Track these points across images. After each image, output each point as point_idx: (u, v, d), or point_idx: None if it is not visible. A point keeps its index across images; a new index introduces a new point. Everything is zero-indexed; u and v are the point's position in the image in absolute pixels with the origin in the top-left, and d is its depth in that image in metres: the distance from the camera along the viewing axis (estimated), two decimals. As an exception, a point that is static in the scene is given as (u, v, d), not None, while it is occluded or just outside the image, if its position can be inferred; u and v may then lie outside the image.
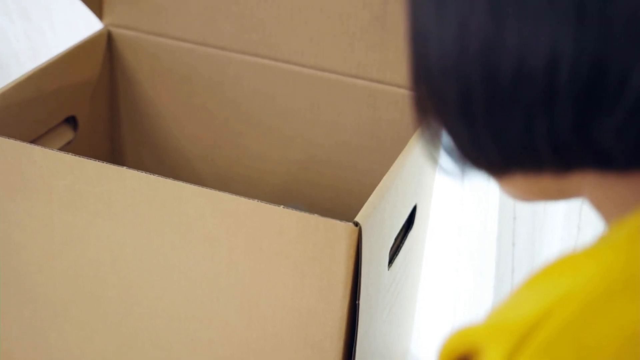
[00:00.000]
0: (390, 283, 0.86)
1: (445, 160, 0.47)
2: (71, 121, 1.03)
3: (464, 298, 1.20)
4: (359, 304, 0.74)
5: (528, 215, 1.10)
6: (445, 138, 0.46)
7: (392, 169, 0.80)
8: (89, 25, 1.18)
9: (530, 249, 1.12)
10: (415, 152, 0.85)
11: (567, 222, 1.09)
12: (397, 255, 0.86)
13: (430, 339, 1.20)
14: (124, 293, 0.82)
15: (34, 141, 0.96)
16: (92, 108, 1.07)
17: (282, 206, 0.72)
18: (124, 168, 0.76)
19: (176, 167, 1.14)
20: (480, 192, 1.13)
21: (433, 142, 0.47)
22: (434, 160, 0.48)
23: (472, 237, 1.17)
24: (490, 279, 1.16)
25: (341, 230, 0.70)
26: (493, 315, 0.44)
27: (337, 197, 1.08)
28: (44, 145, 0.97)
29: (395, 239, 0.85)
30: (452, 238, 1.18)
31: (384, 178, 0.78)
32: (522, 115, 0.42)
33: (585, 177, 0.45)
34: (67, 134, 1.03)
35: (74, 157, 0.77)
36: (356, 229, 0.70)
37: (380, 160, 1.03)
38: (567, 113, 0.41)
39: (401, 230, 0.88)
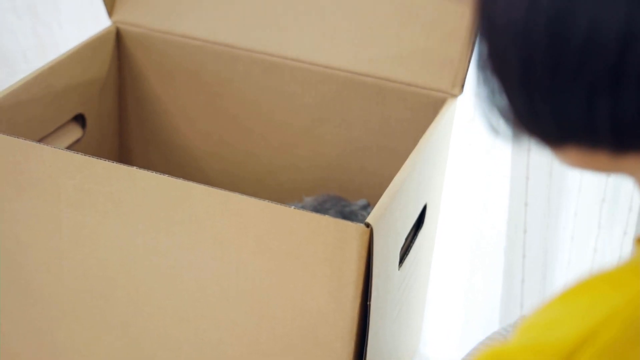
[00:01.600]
0: (400, 283, 0.86)
1: (498, 122, 0.46)
2: (79, 119, 1.03)
3: (474, 296, 1.19)
4: (370, 304, 0.74)
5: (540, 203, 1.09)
6: (501, 100, 0.45)
7: (402, 168, 0.79)
8: (96, 21, 1.18)
9: (541, 235, 1.11)
10: (425, 151, 0.84)
11: (585, 218, 1.09)
12: (407, 255, 0.86)
13: (439, 338, 1.20)
14: (133, 293, 0.82)
15: (42, 139, 0.96)
16: (101, 106, 1.07)
17: (292, 206, 0.71)
18: (134, 168, 0.75)
19: (184, 165, 1.14)
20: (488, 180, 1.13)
21: (488, 102, 0.46)
22: (487, 120, 0.47)
23: (480, 233, 1.17)
24: (499, 274, 1.15)
25: (352, 231, 0.70)
26: (528, 332, 0.42)
27: (345, 195, 1.07)
28: (52, 143, 0.97)
29: (406, 239, 0.85)
30: (461, 234, 1.18)
31: (395, 178, 0.77)
32: (586, 92, 0.40)
33: None
34: (76, 132, 1.03)
35: (83, 156, 0.77)
36: (367, 230, 0.70)
37: (389, 158, 1.03)
38: (634, 94, 0.39)
39: (411, 229, 0.88)
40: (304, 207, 0.98)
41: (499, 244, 1.14)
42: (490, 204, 1.14)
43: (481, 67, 0.45)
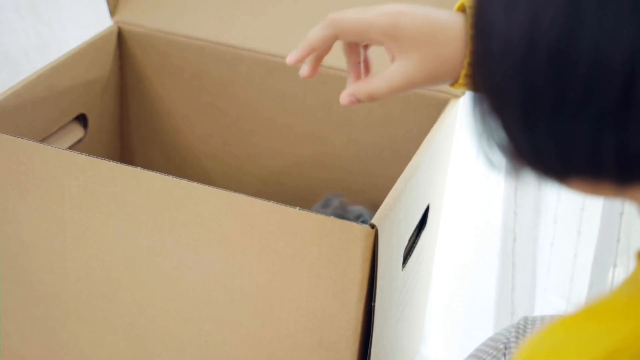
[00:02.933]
0: (403, 284, 0.86)
1: (497, 156, 0.43)
2: (81, 119, 1.03)
3: (475, 297, 1.19)
4: (374, 305, 0.74)
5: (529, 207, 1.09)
6: (500, 135, 0.42)
7: (406, 170, 0.79)
8: (98, 21, 1.18)
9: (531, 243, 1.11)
10: (428, 152, 0.84)
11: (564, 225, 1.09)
12: (410, 255, 0.86)
13: (440, 338, 1.20)
14: (137, 294, 0.81)
15: (44, 139, 0.96)
16: (102, 106, 1.07)
17: (297, 208, 0.71)
18: (138, 168, 0.75)
19: (186, 165, 1.14)
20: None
21: (486, 136, 0.43)
22: (485, 155, 0.44)
23: (482, 233, 1.17)
24: (493, 273, 1.15)
25: (357, 232, 0.70)
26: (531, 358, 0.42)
27: (347, 195, 1.07)
28: (54, 143, 0.97)
29: (409, 240, 0.85)
30: (463, 234, 1.18)
31: (399, 179, 0.77)
32: (591, 125, 0.38)
33: None
34: (77, 132, 1.03)
35: (86, 157, 0.77)
36: (372, 231, 0.70)
37: (392, 160, 1.03)
38: None
39: (414, 230, 0.88)
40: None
41: (498, 244, 1.14)
42: (492, 202, 1.14)
43: (477, 100, 0.43)
